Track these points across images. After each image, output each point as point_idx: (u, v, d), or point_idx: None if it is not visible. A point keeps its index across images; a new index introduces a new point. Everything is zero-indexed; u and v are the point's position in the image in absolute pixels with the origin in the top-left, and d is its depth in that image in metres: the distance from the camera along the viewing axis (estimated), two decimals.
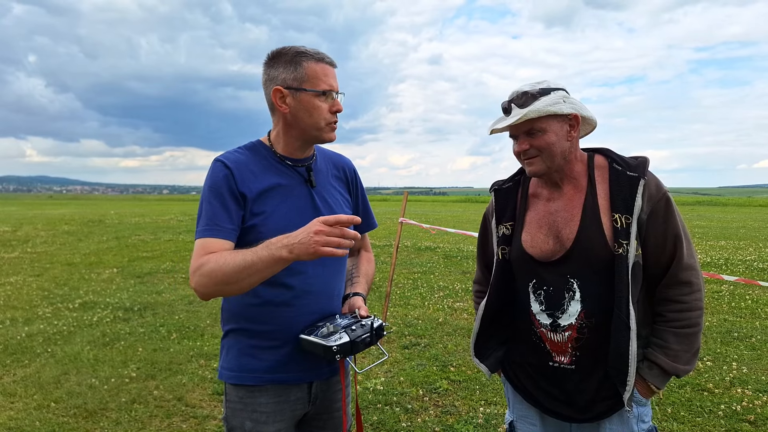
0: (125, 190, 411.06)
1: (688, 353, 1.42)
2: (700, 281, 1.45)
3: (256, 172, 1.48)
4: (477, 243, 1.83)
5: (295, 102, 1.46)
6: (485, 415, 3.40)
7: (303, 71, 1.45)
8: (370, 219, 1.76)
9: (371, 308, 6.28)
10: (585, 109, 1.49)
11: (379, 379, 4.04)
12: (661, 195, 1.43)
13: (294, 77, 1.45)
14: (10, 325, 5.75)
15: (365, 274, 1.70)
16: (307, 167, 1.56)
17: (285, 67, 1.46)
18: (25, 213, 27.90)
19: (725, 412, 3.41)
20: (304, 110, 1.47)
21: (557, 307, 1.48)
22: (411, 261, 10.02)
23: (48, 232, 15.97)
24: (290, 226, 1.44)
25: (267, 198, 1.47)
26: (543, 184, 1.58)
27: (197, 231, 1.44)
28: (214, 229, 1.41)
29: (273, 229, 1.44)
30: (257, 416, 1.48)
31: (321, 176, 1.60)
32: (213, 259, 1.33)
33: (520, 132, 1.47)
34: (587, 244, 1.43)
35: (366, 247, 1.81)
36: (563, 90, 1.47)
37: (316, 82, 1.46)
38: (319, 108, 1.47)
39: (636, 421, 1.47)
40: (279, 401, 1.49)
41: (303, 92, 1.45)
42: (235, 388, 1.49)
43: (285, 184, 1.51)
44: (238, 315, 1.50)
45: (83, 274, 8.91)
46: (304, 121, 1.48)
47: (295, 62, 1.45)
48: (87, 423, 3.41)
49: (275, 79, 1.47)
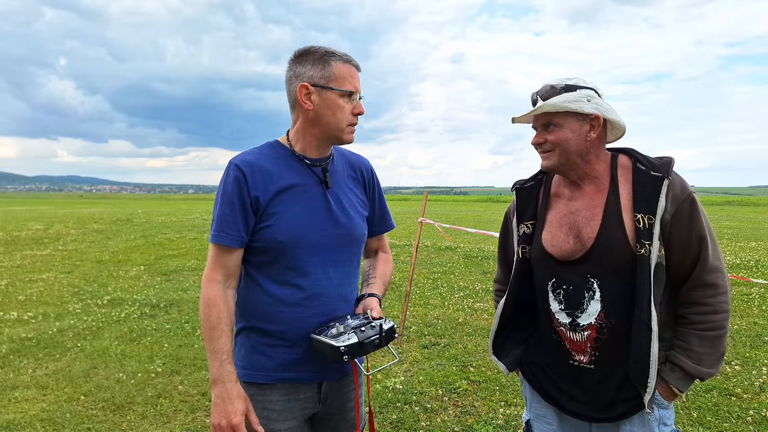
0: (152, 190, 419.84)
1: (713, 356, 1.40)
2: (726, 283, 1.42)
3: (273, 173, 1.50)
4: (498, 242, 1.83)
5: (320, 100, 1.48)
6: (505, 416, 3.38)
7: (331, 70, 1.47)
8: (387, 220, 1.76)
9: (391, 308, 6.30)
10: (612, 113, 1.46)
11: (399, 378, 4.05)
12: (686, 195, 1.40)
13: (322, 75, 1.47)
14: (42, 320, 5.95)
15: (382, 275, 1.70)
16: (323, 168, 1.56)
17: (313, 64, 1.48)
18: (56, 212, 28.74)
19: (754, 417, 3.32)
20: (328, 108, 1.48)
21: (576, 306, 1.47)
22: (431, 261, 10.01)
23: (78, 231, 16.43)
24: (302, 227, 1.48)
25: (282, 199, 1.49)
26: (565, 184, 1.57)
27: (211, 233, 1.49)
28: (222, 235, 1.45)
29: (285, 230, 1.46)
30: (268, 414, 1.49)
31: (337, 177, 1.60)
32: (206, 311, 1.43)
33: (539, 124, 1.48)
34: (608, 244, 1.42)
35: (384, 248, 1.81)
36: (592, 90, 1.45)
37: (343, 82, 1.48)
38: (343, 108, 1.49)
39: (658, 423, 1.46)
40: (289, 399, 1.51)
41: (329, 91, 1.47)
42: (247, 385, 1.50)
43: (301, 183, 1.52)
44: (250, 313, 1.52)
45: (112, 271, 9.15)
46: (326, 120, 1.49)
47: (324, 61, 1.47)
48: (115, 416, 3.51)
49: (302, 75, 1.48)
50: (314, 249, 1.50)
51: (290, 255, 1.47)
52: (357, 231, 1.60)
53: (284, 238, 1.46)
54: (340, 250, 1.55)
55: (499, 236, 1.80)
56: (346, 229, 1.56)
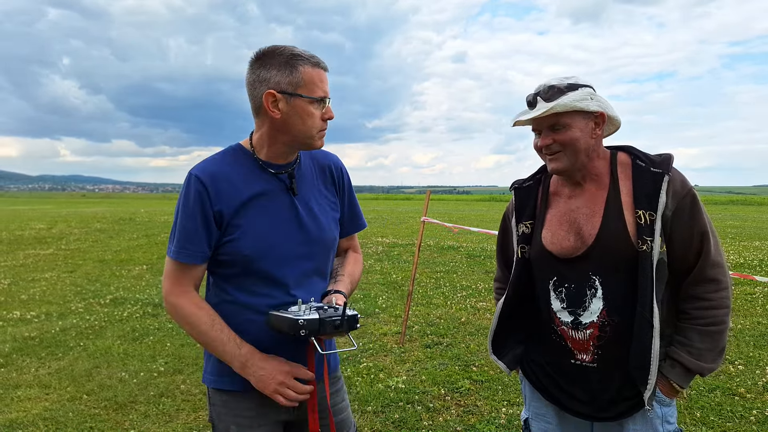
0: (155, 189, 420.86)
1: (713, 352, 1.40)
2: (727, 279, 1.42)
3: (236, 182, 1.41)
4: (497, 242, 1.82)
5: (288, 107, 1.38)
6: (507, 416, 3.37)
7: (300, 76, 1.37)
8: (358, 219, 1.69)
9: (393, 307, 6.31)
10: (611, 108, 1.47)
11: (401, 378, 4.05)
12: (687, 191, 1.41)
13: (289, 81, 1.36)
14: (45, 319, 5.97)
15: (350, 273, 1.62)
16: (289, 174, 1.48)
17: (279, 69, 1.37)
18: (59, 211, 28.85)
19: (757, 417, 3.31)
20: (298, 116, 1.39)
21: (578, 304, 1.47)
22: (434, 260, 10.00)
23: (81, 230, 16.48)
24: (269, 239, 1.42)
25: (247, 210, 1.42)
26: (564, 182, 1.56)
27: (169, 248, 1.41)
28: (183, 252, 1.39)
29: (251, 243, 1.40)
30: (241, 420, 1.45)
31: (305, 181, 1.52)
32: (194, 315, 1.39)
33: (544, 126, 1.45)
34: (609, 241, 1.42)
35: (354, 248, 1.74)
36: (590, 87, 1.46)
37: (313, 88, 1.38)
38: (313, 115, 1.40)
39: (660, 421, 1.45)
40: (262, 404, 1.45)
41: (298, 98, 1.37)
42: (219, 392, 1.47)
43: (266, 193, 1.44)
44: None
45: (114, 270, 9.17)
46: (296, 128, 1.40)
47: (291, 65, 1.37)
48: (117, 415, 3.51)
49: (267, 81, 1.38)
50: (283, 260, 1.44)
51: (258, 267, 1.42)
52: (328, 237, 1.54)
53: (250, 252, 1.40)
54: (310, 258, 1.50)
55: (498, 236, 1.80)
56: (316, 237, 1.50)
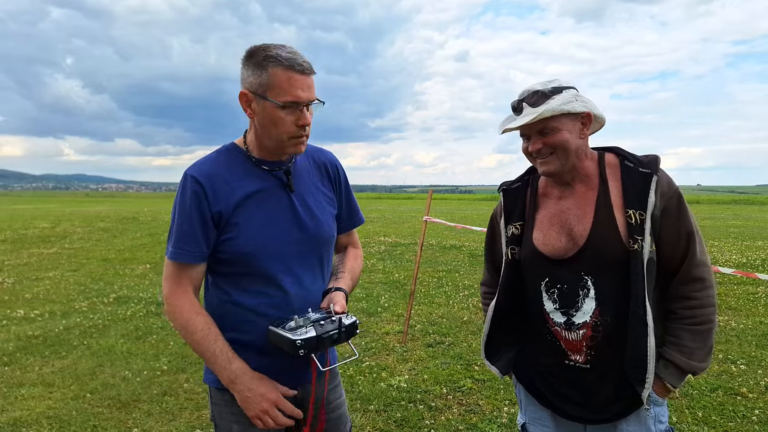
0: (158, 188, 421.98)
1: (703, 350, 1.42)
2: (711, 278, 1.45)
3: (232, 182, 1.41)
4: (485, 244, 1.82)
5: (260, 109, 1.36)
6: (509, 415, 3.38)
7: (267, 78, 1.32)
8: (356, 215, 1.69)
9: (396, 306, 6.31)
10: (596, 107, 1.49)
11: (403, 377, 4.06)
12: (673, 192, 1.43)
13: (259, 83, 1.33)
14: (48, 318, 5.99)
15: (351, 270, 1.62)
16: (285, 171, 1.47)
17: (253, 69, 1.34)
18: (63, 210, 28.93)
19: (759, 417, 3.31)
20: (268, 119, 1.36)
21: (571, 305, 1.48)
22: (436, 259, 10.00)
23: (84, 229, 16.52)
24: (267, 236, 1.42)
25: (244, 208, 1.41)
26: (553, 183, 1.57)
27: (168, 249, 1.41)
28: (181, 252, 1.39)
29: (249, 240, 1.40)
30: (242, 419, 1.44)
31: (301, 178, 1.51)
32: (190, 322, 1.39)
33: (533, 131, 1.46)
34: (601, 241, 1.43)
35: (354, 244, 1.73)
36: (574, 88, 1.47)
37: (279, 93, 1.32)
38: (282, 120, 1.35)
39: (653, 421, 1.46)
40: None
41: (266, 101, 1.34)
42: (220, 392, 1.47)
43: (262, 189, 1.44)
44: (219, 323, 1.44)
45: (118, 269, 9.20)
46: (269, 131, 1.38)
47: (262, 67, 1.32)
48: (120, 414, 3.53)
49: (243, 80, 1.37)
50: (282, 257, 1.44)
51: (257, 265, 1.41)
52: (325, 233, 1.53)
53: (249, 249, 1.40)
54: (309, 254, 1.49)
55: (486, 238, 1.80)
56: (314, 233, 1.49)
